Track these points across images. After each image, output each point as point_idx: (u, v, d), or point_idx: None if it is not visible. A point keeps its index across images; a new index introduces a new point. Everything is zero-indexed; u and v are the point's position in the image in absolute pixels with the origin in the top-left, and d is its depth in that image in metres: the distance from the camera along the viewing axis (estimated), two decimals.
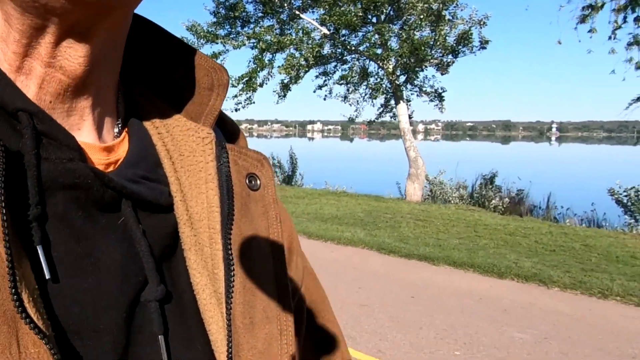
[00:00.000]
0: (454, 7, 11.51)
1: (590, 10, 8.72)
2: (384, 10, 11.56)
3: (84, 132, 0.37)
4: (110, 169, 0.38)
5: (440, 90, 13.03)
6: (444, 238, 7.32)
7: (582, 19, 8.92)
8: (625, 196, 9.59)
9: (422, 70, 13.02)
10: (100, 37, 0.34)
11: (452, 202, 11.95)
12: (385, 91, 12.71)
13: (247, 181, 0.44)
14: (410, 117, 13.63)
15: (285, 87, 12.43)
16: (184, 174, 0.42)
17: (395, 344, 3.67)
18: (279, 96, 12.48)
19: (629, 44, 7.96)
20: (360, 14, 11.01)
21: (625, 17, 7.85)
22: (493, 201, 11.85)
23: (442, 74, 12.85)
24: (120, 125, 0.41)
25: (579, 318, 4.27)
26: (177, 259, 0.40)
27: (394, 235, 7.39)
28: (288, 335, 0.43)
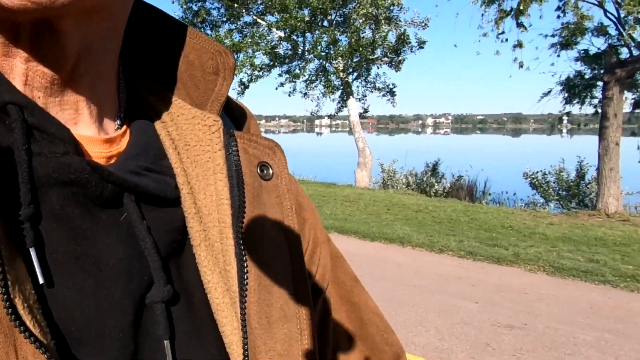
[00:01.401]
0: (398, 10, 12.73)
1: (503, 14, 9.83)
2: (331, 15, 12.81)
3: (81, 126, 0.35)
4: (113, 161, 0.36)
5: (391, 86, 14.25)
6: (355, 214, 8.56)
7: (496, 23, 10.04)
8: (533, 179, 10.73)
9: (379, 68, 14.30)
10: (75, 31, 0.32)
11: (399, 188, 13.17)
12: (336, 88, 13.93)
13: (258, 170, 0.42)
14: (366, 110, 14.87)
15: (243, 86, 13.74)
16: (191, 164, 0.39)
17: None
18: (238, 93, 13.81)
19: (514, 46, 9.09)
20: (307, 19, 12.26)
21: (519, 23, 8.97)
22: (435, 187, 13.05)
23: (396, 71, 14.08)
24: (122, 118, 0.39)
25: (404, 264, 5.50)
26: (186, 255, 0.38)
27: None
28: (309, 334, 0.41)
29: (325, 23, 13.09)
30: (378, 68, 14.28)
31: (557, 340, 3.57)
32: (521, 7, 8.31)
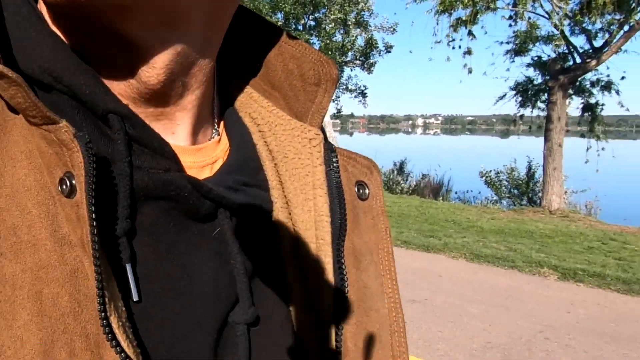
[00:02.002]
0: (368, 15, 13.38)
1: (455, 23, 10.45)
2: (304, 19, 13.43)
3: (178, 136, 0.34)
4: (206, 171, 0.36)
5: (362, 88, 14.90)
6: None
7: (455, 30, 10.67)
8: (487, 177, 11.42)
9: (352, 70, 14.95)
10: (158, 43, 0.30)
11: None
12: None
13: (356, 189, 0.41)
14: (339, 111, 15.53)
15: None
16: (289, 178, 0.39)
17: None
18: None
19: (464, 53, 9.74)
20: (280, 23, 12.85)
21: (469, 31, 9.62)
22: (402, 184, 13.70)
23: (368, 74, 14.73)
24: (216, 123, 0.38)
25: None
26: (273, 271, 0.38)
27: None
28: (403, 358, 0.40)
29: (300, 27, 13.70)
30: (351, 70, 14.92)
31: (448, 312, 4.19)
32: (464, 18, 8.95)
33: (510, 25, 10.13)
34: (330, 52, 12.54)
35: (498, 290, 4.75)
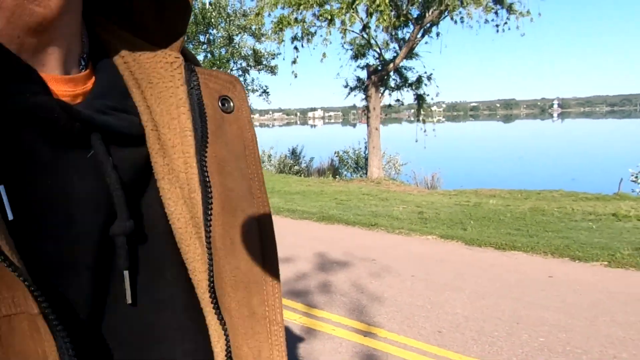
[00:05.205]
0: (258, 27, 16.36)
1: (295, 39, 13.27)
2: (208, 34, 16.51)
3: (48, 67, 0.35)
4: (78, 100, 0.37)
5: (265, 88, 17.99)
6: None
7: (309, 41, 13.50)
8: (339, 157, 14.39)
9: (259, 73, 18.01)
10: None
11: (269, 168, 16.83)
12: None
13: (220, 104, 0.44)
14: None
15: None
16: (155, 101, 0.41)
17: None
18: None
19: (292, 62, 12.62)
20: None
21: (295, 47, 12.50)
22: (295, 167, 16.68)
23: (272, 75, 17.76)
24: (85, 59, 0.40)
25: None
26: (150, 191, 0.40)
27: None
28: (271, 255, 0.44)
29: (203, 39, 16.80)
30: (259, 73, 17.95)
31: None
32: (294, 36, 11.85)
33: (342, 37, 13.02)
34: (219, 61, 15.64)
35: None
